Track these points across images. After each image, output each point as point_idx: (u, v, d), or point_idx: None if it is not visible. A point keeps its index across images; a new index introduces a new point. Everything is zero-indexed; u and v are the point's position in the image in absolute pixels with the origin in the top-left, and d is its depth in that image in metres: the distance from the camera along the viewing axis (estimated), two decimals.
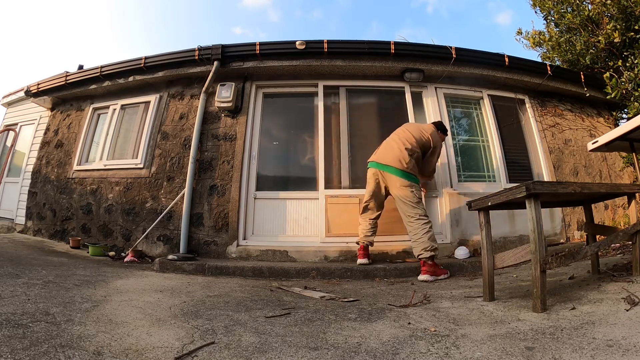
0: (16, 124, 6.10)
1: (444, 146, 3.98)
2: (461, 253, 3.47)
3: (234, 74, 4.20)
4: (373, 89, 4.32)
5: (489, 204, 1.80)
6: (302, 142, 4.29)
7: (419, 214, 2.94)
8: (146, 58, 4.35)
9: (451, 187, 3.90)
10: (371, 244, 3.25)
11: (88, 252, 3.84)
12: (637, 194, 1.96)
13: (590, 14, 4.53)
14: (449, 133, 3.79)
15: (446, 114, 4.19)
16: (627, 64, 4.10)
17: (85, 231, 4.36)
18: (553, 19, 5.34)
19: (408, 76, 4.09)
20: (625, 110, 4.78)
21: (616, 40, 4.24)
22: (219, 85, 4.08)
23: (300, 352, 1.20)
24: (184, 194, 3.85)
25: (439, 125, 3.41)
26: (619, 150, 2.68)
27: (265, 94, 4.32)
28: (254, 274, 3.07)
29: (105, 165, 4.52)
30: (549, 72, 4.29)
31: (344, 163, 3.95)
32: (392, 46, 3.93)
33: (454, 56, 3.98)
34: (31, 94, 5.28)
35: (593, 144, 2.22)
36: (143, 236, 3.93)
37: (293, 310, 1.81)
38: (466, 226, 3.73)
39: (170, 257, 3.37)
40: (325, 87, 4.21)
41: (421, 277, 2.78)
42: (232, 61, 4.11)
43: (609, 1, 4.27)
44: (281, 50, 4.02)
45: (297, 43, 3.91)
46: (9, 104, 6.47)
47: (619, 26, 4.24)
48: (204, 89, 4.11)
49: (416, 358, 1.14)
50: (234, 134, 4.05)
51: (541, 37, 5.34)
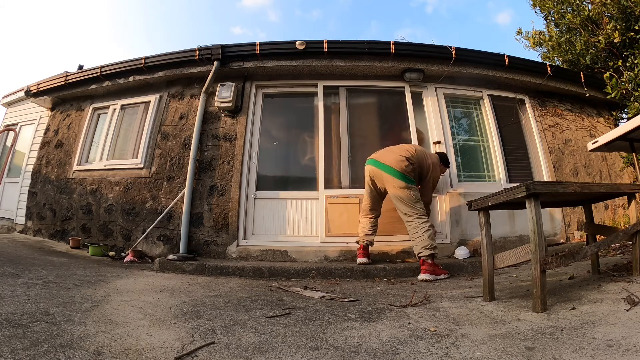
0: (16, 124, 6.10)
1: (444, 147, 3.99)
2: (461, 253, 3.47)
3: (234, 74, 4.20)
4: (373, 89, 4.32)
5: (489, 204, 1.80)
6: (302, 142, 4.29)
7: (417, 213, 2.94)
8: (146, 58, 4.35)
9: (451, 187, 3.90)
10: (371, 243, 3.25)
11: (88, 252, 3.84)
12: (637, 194, 1.96)
13: (590, 14, 4.53)
14: (451, 166, 3.86)
15: (446, 114, 4.19)
16: (627, 64, 4.09)
17: (85, 231, 4.36)
18: (553, 19, 5.34)
19: (408, 76, 4.09)
20: (625, 110, 4.78)
21: (616, 40, 4.24)
22: (219, 85, 4.08)
23: (300, 352, 1.20)
24: (184, 194, 3.86)
25: (442, 157, 3.45)
26: (619, 150, 2.68)
27: (265, 94, 4.32)
28: (254, 274, 3.07)
29: (105, 165, 4.52)
30: (549, 72, 4.29)
31: (344, 163, 3.96)
32: (392, 46, 3.93)
33: (454, 56, 3.98)
34: (31, 94, 5.28)
35: (593, 144, 2.23)
36: (143, 236, 3.93)
37: (293, 310, 1.81)
38: (466, 226, 3.73)
39: (170, 257, 3.37)
40: (325, 87, 4.21)
41: (421, 276, 2.78)
42: (232, 61, 4.11)
43: (609, 1, 4.27)
44: (281, 50, 4.02)
45: (297, 43, 3.91)
46: (9, 104, 6.47)
47: (619, 26, 4.24)
48: (204, 89, 4.11)
49: (416, 358, 1.14)
50: (234, 134, 4.05)
51: (541, 37, 5.34)
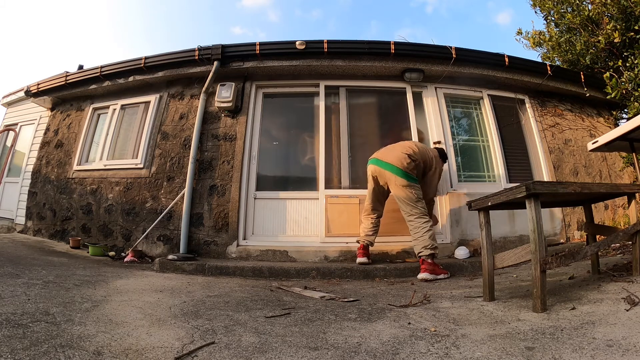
0: (16, 124, 6.10)
1: (444, 147, 3.99)
2: (461, 253, 3.47)
3: (234, 74, 4.20)
4: (373, 89, 4.32)
5: (489, 204, 1.80)
6: (302, 142, 4.29)
7: (419, 213, 2.95)
8: (146, 58, 4.36)
9: (451, 187, 3.90)
10: (371, 243, 3.25)
11: (88, 252, 3.84)
12: (637, 194, 1.96)
13: (590, 14, 4.53)
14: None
15: (446, 114, 4.19)
16: (627, 64, 4.09)
17: (85, 231, 4.36)
18: (553, 19, 5.34)
19: (408, 76, 4.09)
20: (625, 110, 4.77)
21: (616, 40, 4.24)
22: (219, 85, 4.08)
23: (300, 352, 1.20)
24: (184, 194, 3.86)
25: (441, 152, 3.46)
26: (619, 150, 2.68)
27: (265, 94, 4.32)
28: (254, 274, 3.07)
29: (105, 165, 4.52)
30: (549, 72, 4.29)
31: (344, 163, 3.96)
32: (392, 46, 3.93)
33: (454, 56, 3.98)
34: (31, 94, 5.28)
35: (593, 144, 2.22)
36: (143, 236, 3.93)
37: (293, 310, 1.81)
38: (466, 226, 3.73)
39: (170, 257, 3.37)
40: (325, 87, 4.21)
41: (421, 275, 2.78)
42: (232, 61, 4.11)
43: (609, 1, 4.27)
44: (281, 50, 4.02)
45: (297, 43, 3.91)
46: (9, 104, 6.47)
47: (619, 26, 4.24)
48: (204, 89, 4.11)
49: (416, 358, 1.14)
50: (234, 134, 4.05)
51: (541, 37, 5.34)
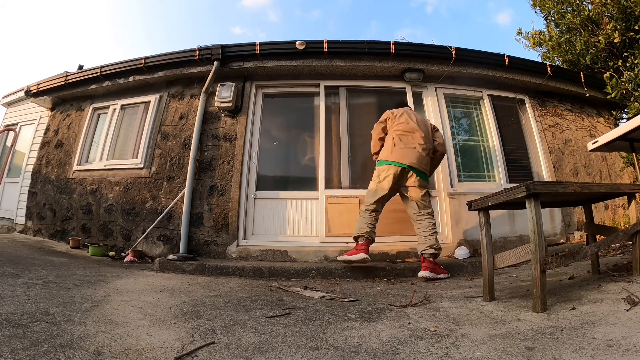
0: (16, 124, 6.10)
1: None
2: (461, 253, 3.47)
3: (234, 74, 4.20)
4: (373, 89, 4.32)
5: (489, 204, 1.80)
6: (302, 142, 4.29)
7: (430, 213, 3.00)
8: (146, 58, 4.36)
9: (451, 187, 3.90)
10: (374, 240, 3.08)
11: (88, 252, 3.84)
12: (637, 194, 1.96)
13: (590, 14, 4.53)
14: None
15: (446, 114, 4.19)
16: (627, 64, 4.09)
17: (85, 231, 4.36)
18: (553, 19, 5.34)
19: (408, 76, 4.09)
20: (625, 110, 4.77)
21: (616, 40, 4.24)
22: (219, 85, 4.08)
23: (300, 352, 1.20)
24: (184, 194, 3.86)
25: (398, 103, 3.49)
26: (619, 150, 2.68)
27: (265, 94, 4.32)
28: (254, 274, 3.07)
29: (105, 165, 4.52)
30: (549, 72, 4.29)
31: (344, 163, 3.96)
32: (392, 46, 3.93)
33: (454, 56, 3.98)
34: (31, 94, 5.28)
35: (593, 144, 2.22)
36: (143, 236, 3.93)
37: (293, 310, 1.81)
38: (466, 226, 3.73)
39: (170, 257, 3.37)
40: (325, 87, 4.21)
41: (421, 273, 2.78)
42: (232, 61, 4.11)
43: (609, 1, 4.27)
44: (281, 50, 4.02)
45: (297, 43, 3.91)
46: (9, 104, 6.47)
47: (619, 26, 4.24)
48: (204, 89, 4.11)
49: (416, 358, 1.14)
50: (234, 134, 4.05)
51: (541, 37, 5.34)
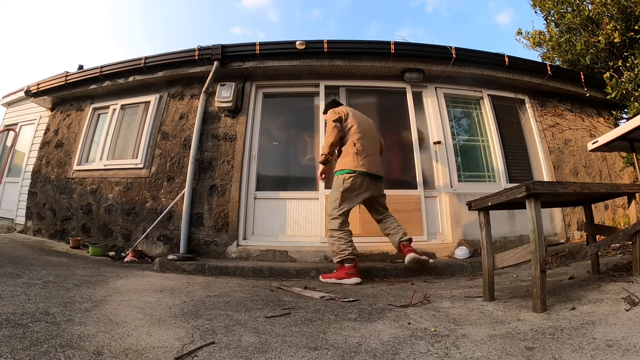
0: (16, 124, 6.10)
1: (444, 147, 4.00)
2: (461, 253, 3.47)
3: (234, 74, 4.20)
4: (373, 89, 4.32)
5: (489, 204, 1.80)
6: (302, 142, 4.29)
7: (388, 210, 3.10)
8: (146, 58, 4.36)
9: (451, 187, 3.90)
10: (358, 255, 2.85)
11: (88, 252, 3.84)
12: (637, 194, 1.96)
13: (591, 14, 4.53)
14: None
15: (446, 114, 4.19)
16: (627, 64, 4.09)
17: (85, 231, 4.36)
18: (553, 19, 5.34)
19: (408, 76, 4.09)
20: (625, 110, 4.77)
21: (616, 40, 4.24)
22: (219, 85, 4.08)
23: (300, 352, 1.20)
24: (184, 194, 3.86)
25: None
26: (619, 150, 2.67)
27: (265, 94, 4.32)
28: (254, 274, 3.07)
29: (105, 165, 4.52)
30: (549, 72, 4.29)
31: None
32: (392, 46, 3.93)
33: (454, 56, 3.98)
34: (31, 94, 5.28)
35: (593, 144, 2.22)
36: (143, 236, 3.93)
37: (293, 310, 1.81)
38: (466, 226, 3.73)
39: (170, 257, 3.37)
40: (325, 87, 4.21)
41: (410, 255, 2.73)
42: (232, 61, 4.11)
43: (609, 1, 4.27)
44: (281, 50, 4.02)
45: (297, 43, 3.91)
46: (9, 104, 6.47)
47: (619, 26, 4.24)
48: (204, 89, 4.11)
49: (416, 358, 1.14)
50: (234, 134, 4.05)
51: (541, 37, 5.34)
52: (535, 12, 5.50)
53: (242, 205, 3.83)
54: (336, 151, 3.02)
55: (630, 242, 2.35)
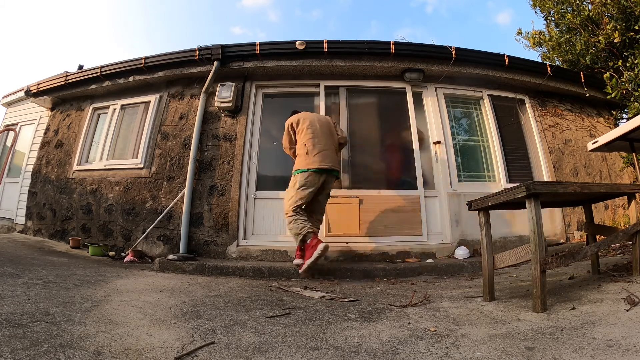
0: (16, 124, 6.10)
1: (444, 147, 4.00)
2: (461, 253, 3.47)
3: (234, 74, 4.20)
4: (373, 89, 4.32)
5: (489, 204, 1.80)
6: None
7: None
8: (146, 58, 4.36)
9: (451, 187, 3.90)
10: (318, 228, 3.17)
11: (88, 252, 3.84)
12: (637, 194, 1.96)
13: (591, 14, 4.53)
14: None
15: (446, 114, 4.19)
16: (627, 64, 4.09)
17: (85, 231, 4.36)
18: (553, 19, 5.34)
19: (408, 76, 4.09)
20: (625, 110, 4.77)
21: (616, 40, 4.24)
22: (219, 85, 4.08)
23: (300, 352, 1.20)
24: (184, 194, 3.86)
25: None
26: (619, 150, 2.68)
27: (265, 94, 4.32)
28: (254, 274, 3.07)
29: (105, 165, 4.52)
30: (549, 72, 4.29)
31: (344, 163, 3.95)
32: (392, 46, 3.93)
33: (454, 56, 3.98)
34: (31, 94, 5.28)
35: (593, 144, 2.23)
36: (143, 236, 3.93)
37: (293, 310, 1.81)
38: (466, 226, 3.73)
39: (170, 257, 3.37)
40: (325, 87, 4.21)
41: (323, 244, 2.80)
42: (232, 61, 4.11)
43: (609, 1, 4.27)
44: (281, 50, 4.02)
45: (297, 43, 3.91)
46: (9, 104, 6.47)
47: (619, 26, 4.24)
48: (204, 89, 4.11)
49: (416, 358, 1.14)
50: (234, 134, 4.05)
51: (541, 37, 5.34)
52: (535, 12, 5.51)
53: (242, 205, 3.83)
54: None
55: (630, 242, 2.35)
